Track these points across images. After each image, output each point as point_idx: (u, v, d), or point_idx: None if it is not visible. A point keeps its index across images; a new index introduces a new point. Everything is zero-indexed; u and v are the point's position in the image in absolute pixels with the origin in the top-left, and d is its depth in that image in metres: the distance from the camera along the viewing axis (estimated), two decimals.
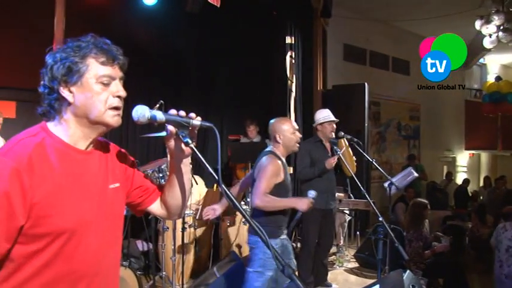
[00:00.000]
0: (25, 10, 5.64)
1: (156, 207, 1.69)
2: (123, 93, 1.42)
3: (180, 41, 6.73)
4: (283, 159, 3.41)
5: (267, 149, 3.47)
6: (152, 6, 5.82)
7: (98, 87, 1.37)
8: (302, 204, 3.22)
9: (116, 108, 1.41)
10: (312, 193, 3.25)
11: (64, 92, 1.36)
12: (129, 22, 6.20)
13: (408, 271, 2.95)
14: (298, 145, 3.49)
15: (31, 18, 5.56)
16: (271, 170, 3.25)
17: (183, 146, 1.49)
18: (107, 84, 1.38)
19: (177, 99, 6.58)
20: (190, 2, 5.76)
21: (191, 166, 1.73)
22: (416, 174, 5.56)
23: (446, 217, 8.22)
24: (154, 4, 5.79)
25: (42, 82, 1.39)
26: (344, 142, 4.76)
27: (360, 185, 3.46)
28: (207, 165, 1.44)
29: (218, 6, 5.35)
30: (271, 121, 3.53)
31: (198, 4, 5.72)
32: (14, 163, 1.24)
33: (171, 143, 1.51)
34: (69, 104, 1.37)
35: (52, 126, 1.39)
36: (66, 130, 1.39)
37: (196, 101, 6.89)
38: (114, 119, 1.41)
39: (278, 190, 3.27)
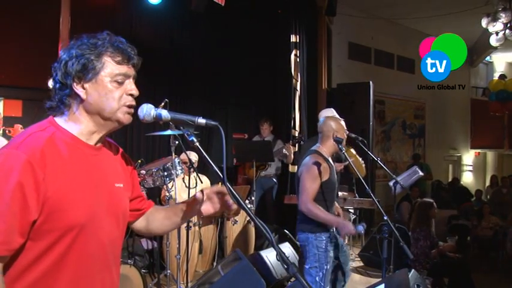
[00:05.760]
0: (31, 10, 5.66)
1: (139, 221, 1.70)
2: (136, 92, 1.43)
3: (185, 39, 6.74)
4: (329, 159, 3.43)
5: (312, 148, 3.48)
6: (157, 5, 5.83)
7: (112, 85, 1.38)
8: (343, 227, 3.20)
9: (129, 106, 1.42)
10: (360, 228, 3.28)
11: (78, 89, 1.36)
12: (133, 21, 6.22)
13: (413, 270, 2.94)
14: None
15: (37, 18, 5.59)
16: (315, 171, 3.26)
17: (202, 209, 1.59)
18: (121, 83, 1.40)
19: (181, 98, 6.59)
20: (195, 1, 5.76)
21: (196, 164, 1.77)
22: (421, 173, 5.53)
23: (451, 216, 8.19)
24: (159, 3, 5.79)
25: (53, 77, 1.39)
26: (352, 152, 4.75)
27: (364, 183, 3.44)
28: (212, 163, 1.45)
29: (223, 5, 5.35)
30: (323, 119, 3.56)
31: (203, 3, 5.72)
32: (27, 156, 1.24)
33: (196, 203, 1.57)
34: (82, 100, 1.38)
35: (61, 121, 1.40)
36: (76, 125, 1.40)
37: (201, 100, 6.90)
38: (125, 116, 1.42)
39: (324, 189, 3.30)
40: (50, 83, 1.42)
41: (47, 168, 1.27)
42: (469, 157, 14.55)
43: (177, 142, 4.07)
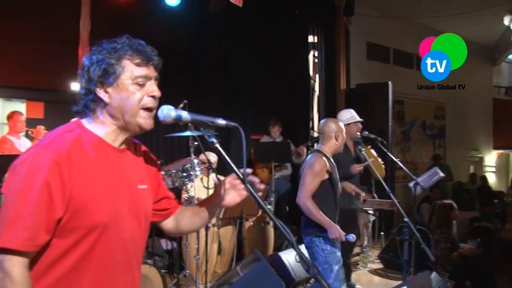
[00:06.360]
0: (52, 13, 5.76)
1: (168, 221, 1.71)
2: (157, 93, 1.45)
3: (203, 40, 6.77)
4: (331, 159, 3.51)
5: (315, 148, 3.61)
6: (175, 7, 5.87)
7: (133, 88, 1.40)
8: (334, 232, 3.24)
9: (149, 109, 1.43)
10: (350, 237, 3.29)
11: (100, 93, 1.39)
12: (152, 23, 6.26)
13: (435, 273, 2.90)
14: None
15: (58, 21, 5.69)
16: (317, 168, 3.36)
17: (226, 200, 1.60)
18: (142, 85, 1.41)
19: (200, 99, 6.61)
20: (213, 2, 5.79)
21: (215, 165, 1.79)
22: (442, 174, 5.45)
23: (473, 218, 8.03)
24: (177, 5, 5.84)
25: (80, 83, 1.43)
26: (372, 153, 4.71)
27: (385, 185, 3.41)
28: (232, 164, 1.45)
29: (240, 6, 5.36)
30: (324, 120, 3.69)
31: (221, 4, 5.74)
32: (54, 156, 1.28)
33: (221, 191, 1.58)
34: (106, 104, 1.41)
35: (87, 123, 1.43)
36: (101, 128, 1.43)
37: (220, 101, 6.92)
38: (146, 121, 1.43)
39: (324, 187, 3.39)
40: (73, 86, 1.47)
41: (73, 169, 1.30)
42: (491, 158, 14.28)
43: (196, 143, 4.10)
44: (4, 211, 1.26)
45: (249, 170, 1.50)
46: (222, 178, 1.63)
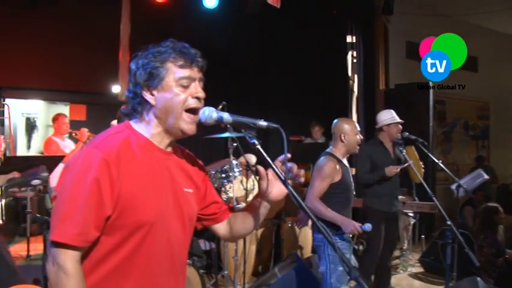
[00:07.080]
0: (93, 18, 5.94)
1: (221, 226, 1.73)
2: (201, 95, 1.46)
3: (241, 41, 6.81)
4: (343, 160, 3.48)
5: (326, 150, 3.56)
6: (213, 9, 5.94)
7: (177, 89, 1.43)
8: (347, 226, 3.20)
9: (193, 110, 1.45)
10: (366, 227, 3.20)
11: (146, 96, 1.44)
12: (190, 24, 6.36)
13: (479, 279, 2.80)
14: (358, 147, 3.58)
15: (99, 26, 5.86)
16: (326, 171, 3.34)
17: (273, 193, 1.57)
18: (186, 86, 1.44)
19: (237, 100, 6.63)
20: (250, 3, 5.82)
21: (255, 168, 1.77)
22: (486, 176, 5.27)
23: None
24: (215, 6, 5.90)
25: (127, 87, 1.49)
26: (415, 154, 4.60)
27: (427, 187, 3.33)
28: (273, 165, 1.45)
29: (278, 7, 5.36)
30: (335, 121, 3.63)
31: (257, 5, 5.76)
32: (104, 154, 1.33)
33: (267, 184, 1.57)
34: (151, 106, 1.45)
35: (135, 124, 1.48)
36: (147, 130, 1.47)
37: (257, 102, 6.94)
38: (189, 126, 1.46)
39: (334, 190, 3.36)
40: (114, 89, 1.52)
41: (121, 167, 1.35)
42: None
43: (234, 144, 4.12)
44: (57, 207, 1.32)
45: (288, 155, 1.48)
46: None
